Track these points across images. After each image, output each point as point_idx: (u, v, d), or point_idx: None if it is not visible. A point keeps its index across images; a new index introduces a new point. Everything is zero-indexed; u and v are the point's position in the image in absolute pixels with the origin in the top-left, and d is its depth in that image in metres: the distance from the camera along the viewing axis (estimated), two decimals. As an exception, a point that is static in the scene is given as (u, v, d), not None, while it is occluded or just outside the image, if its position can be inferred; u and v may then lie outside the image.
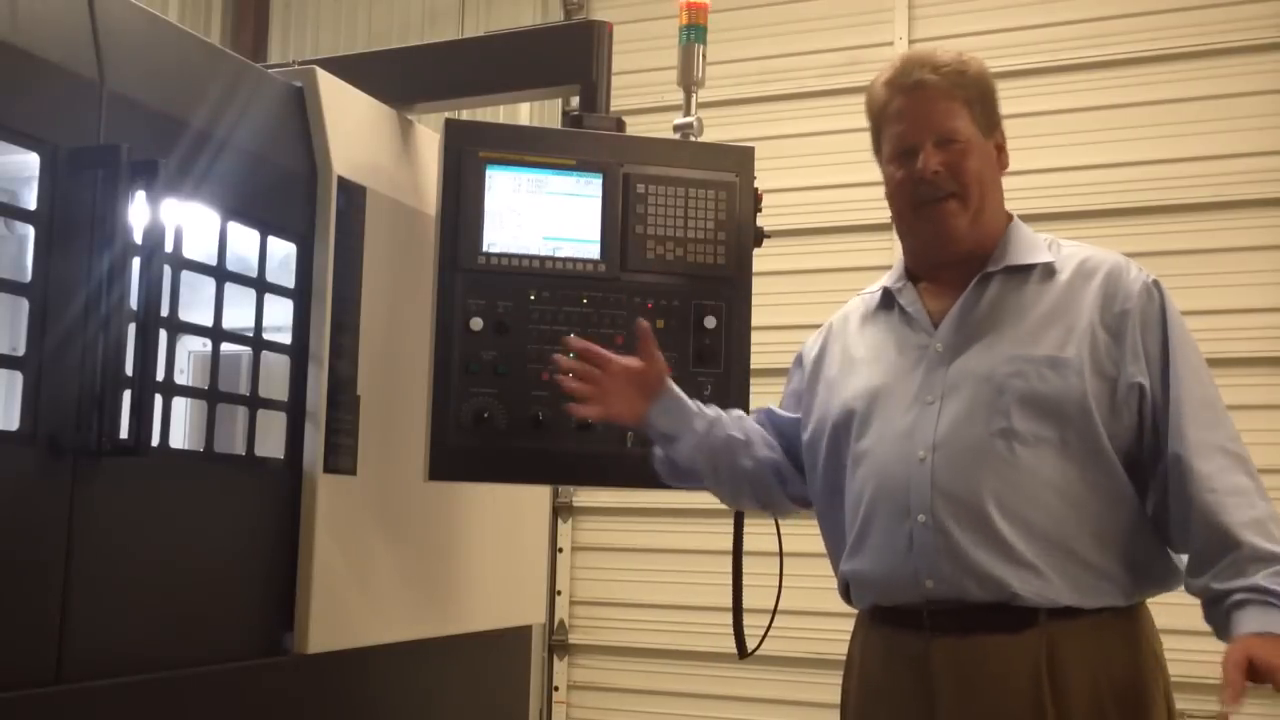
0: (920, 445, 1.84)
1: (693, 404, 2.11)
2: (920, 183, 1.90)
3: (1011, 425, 1.79)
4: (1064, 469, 1.79)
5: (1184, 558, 1.84)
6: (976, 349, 1.87)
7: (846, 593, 1.99)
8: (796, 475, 2.12)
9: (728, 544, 2.42)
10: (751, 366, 2.38)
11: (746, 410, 2.27)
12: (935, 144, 1.89)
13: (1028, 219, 1.99)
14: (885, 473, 1.88)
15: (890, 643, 1.90)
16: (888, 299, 2.03)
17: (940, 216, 1.91)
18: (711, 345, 2.33)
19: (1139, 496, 1.84)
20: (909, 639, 1.85)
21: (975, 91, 1.93)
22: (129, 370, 1.80)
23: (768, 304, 2.40)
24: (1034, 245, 1.93)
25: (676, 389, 2.11)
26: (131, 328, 1.81)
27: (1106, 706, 1.76)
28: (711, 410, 2.12)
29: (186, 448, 2.27)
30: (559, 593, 5.20)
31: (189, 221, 1.98)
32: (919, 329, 1.94)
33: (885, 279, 2.06)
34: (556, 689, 5.17)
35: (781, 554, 2.36)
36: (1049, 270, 1.90)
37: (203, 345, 2.23)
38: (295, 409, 2.18)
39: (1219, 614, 1.75)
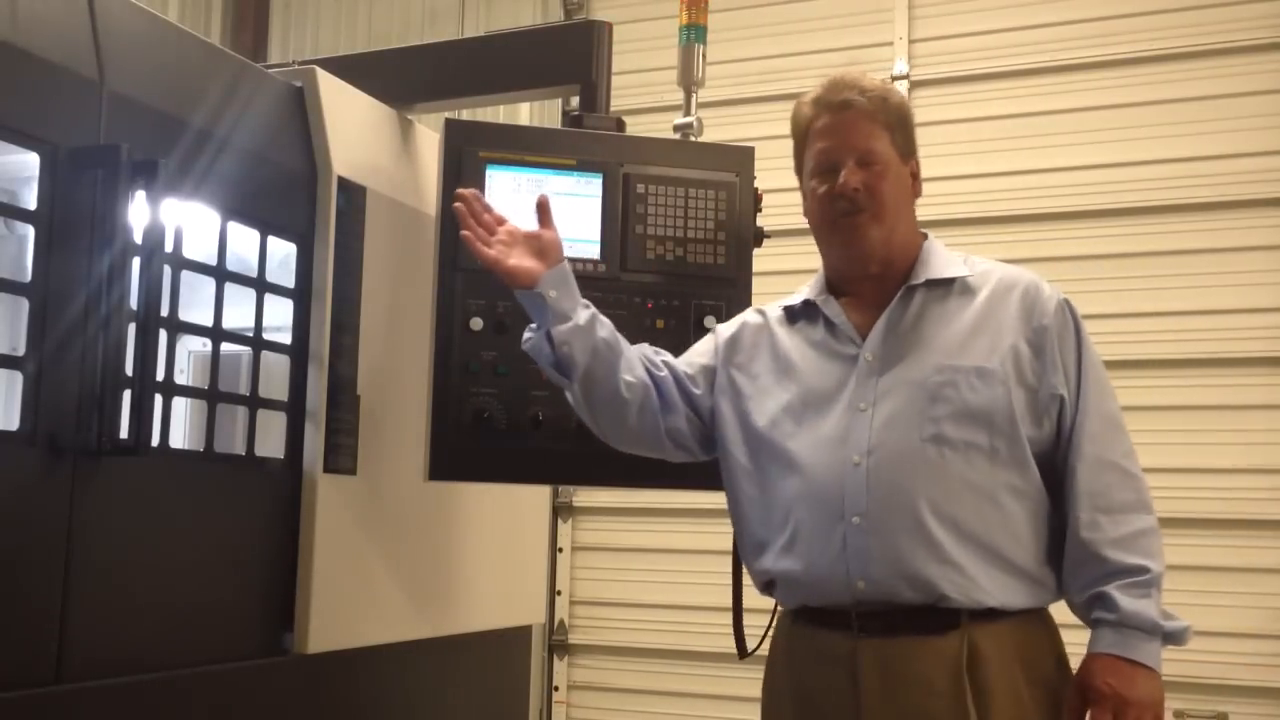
0: (855, 450, 1.90)
1: (579, 295, 2.02)
2: (839, 198, 1.98)
3: (942, 431, 1.87)
4: (991, 474, 1.87)
5: None
6: (907, 359, 1.94)
7: (766, 589, 2.02)
8: (681, 408, 2.07)
9: (728, 544, 2.41)
10: (751, 366, 2.37)
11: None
12: (857, 162, 1.97)
13: (1028, 219, 2.00)
14: (818, 477, 1.92)
15: (817, 643, 1.94)
16: (810, 311, 2.07)
17: (856, 229, 1.98)
18: (711, 345, 2.32)
19: (1053, 502, 1.93)
20: (837, 639, 1.90)
21: (895, 118, 2.02)
22: (129, 370, 1.80)
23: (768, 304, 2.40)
24: (950, 261, 2.03)
25: (569, 271, 2.02)
26: (131, 328, 1.81)
27: (1026, 706, 1.84)
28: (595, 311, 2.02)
29: (186, 448, 2.27)
30: (559, 593, 5.19)
31: (189, 221, 1.99)
32: (845, 340, 2.00)
33: (805, 291, 2.10)
34: (556, 689, 5.17)
35: (781, 554, 2.36)
36: (966, 285, 1.99)
37: (203, 345, 2.23)
38: (295, 409, 2.18)
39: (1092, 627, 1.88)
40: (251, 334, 2.12)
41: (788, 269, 4.69)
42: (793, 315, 2.10)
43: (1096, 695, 1.82)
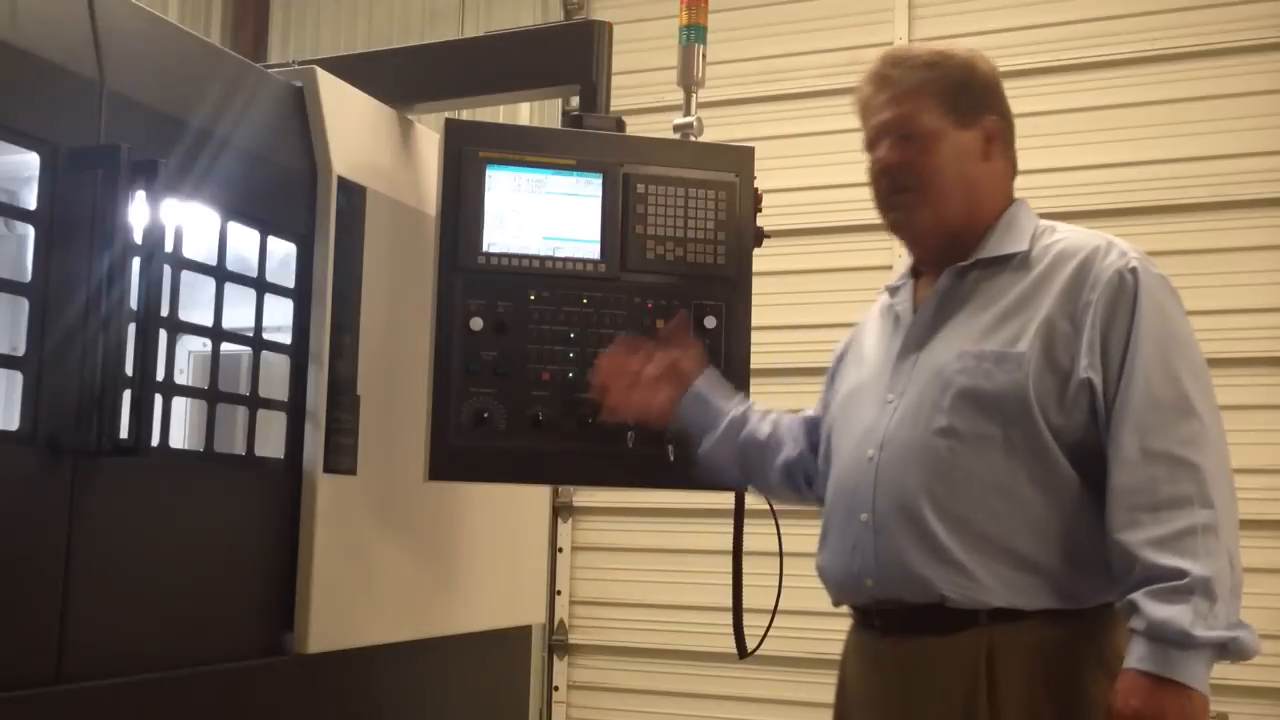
0: (871, 444, 1.85)
1: (724, 402, 2.15)
2: (881, 175, 1.92)
3: (952, 424, 1.77)
4: (1007, 467, 1.75)
5: None
6: (934, 346, 1.86)
7: None
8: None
9: (728, 544, 2.42)
10: (752, 366, 2.38)
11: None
12: (897, 138, 1.90)
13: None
14: (843, 472, 1.91)
15: (857, 641, 1.93)
16: (894, 294, 2.03)
17: (899, 208, 1.91)
18: (711, 345, 2.32)
19: (1098, 496, 1.75)
20: (869, 639, 1.88)
21: (949, 83, 1.90)
22: (129, 370, 1.80)
23: (768, 304, 2.40)
24: (1017, 235, 1.88)
25: (710, 383, 2.15)
26: (131, 328, 1.81)
27: (1044, 711, 1.71)
28: (741, 409, 2.14)
29: (186, 448, 2.27)
30: (559, 593, 5.19)
31: (189, 221, 1.98)
32: (902, 328, 1.94)
33: (897, 275, 2.07)
34: (556, 689, 5.17)
35: (781, 554, 2.36)
36: (1025, 260, 1.85)
37: (203, 345, 2.22)
38: (295, 409, 2.18)
39: None
40: (251, 334, 2.12)
41: (788, 269, 4.72)
42: (890, 299, 2.04)
43: (1115, 717, 1.63)
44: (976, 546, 1.74)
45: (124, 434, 1.77)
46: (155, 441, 1.87)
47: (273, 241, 2.16)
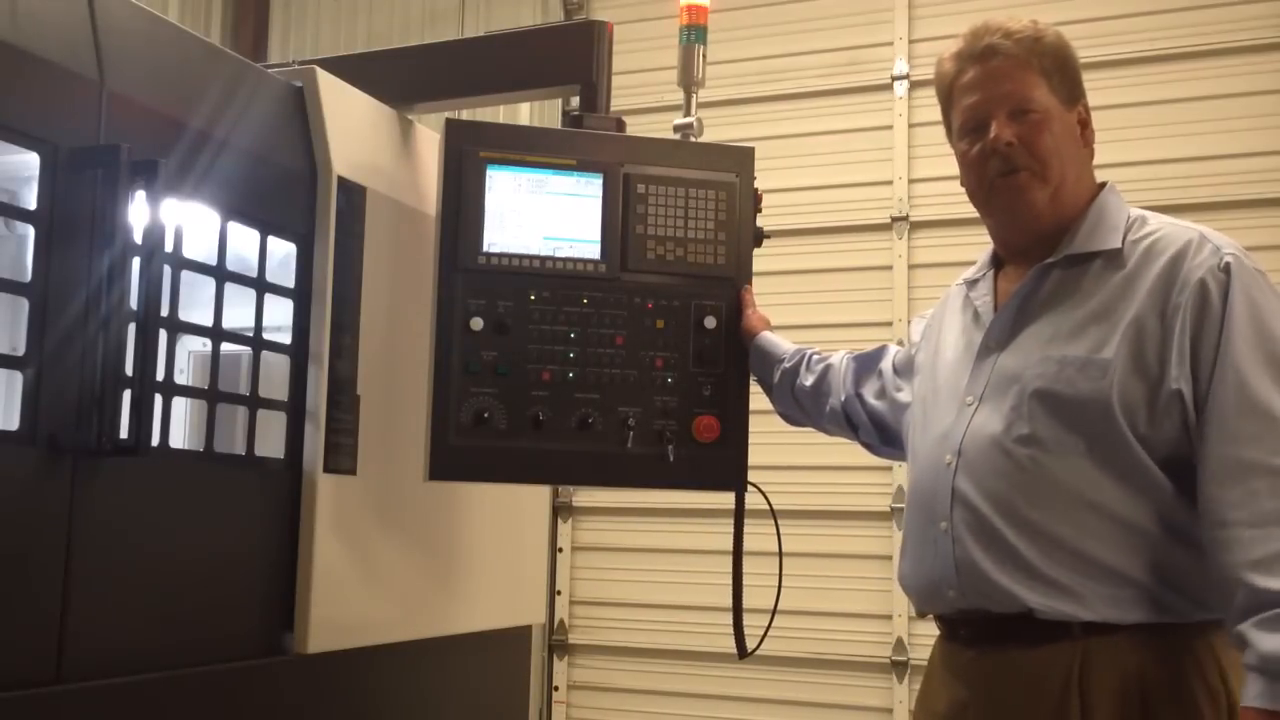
0: (949, 449, 1.79)
1: (779, 352, 2.30)
2: (992, 155, 1.81)
3: (1033, 431, 1.70)
4: (1093, 477, 1.67)
5: None
6: (1016, 347, 1.78)
7: None
8: (869, 427, 2.22)
9: (728, 544, 2.42)
10: (751, 366, 2.38)
11: (746, 405, 2.33)
12: (1009, 115, 1.80)
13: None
14: (921, 477, 1.85)
15: (943, 652, 1.87)
16: (973, 288, 1.95)
17: (1013, 190, 1.80)
18: (711, 345, 2.32)
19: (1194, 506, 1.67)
20: (955, 649, 1.82)
21: (1052, 60, 1.83)
22: (129, 370, 1.80)
23: (768, 304, 2.40)
24: (1108, 228, 1.79)
25: (766, 341, 2.31)
26: (131, 328, 1.81)
27: None
28: (793, 362, 2.29)
29: (186, 448, 2.27)
30: (559, 593, 5.20)
31: (189, 221, 1.98)
32: (982, 324, 1.87)
33: (974, 266, 2.00)
34: (556, 689, 5.18)
35: (781, 554, 2.37)
36: (1114, 257, 1.76)
37: (203, 345, 2.23)
38: (295, 409, 2.18)
39: None
40: (251, 334, 2.12)
41: (788, 269, 4.73)
42: (967, 291, 1.96)
43: None
44: (1063, 560, 1.67)
45: (124, 434, 1.77)
46: (155, 441, 1.87)
47: (273, 241, 2.16)
